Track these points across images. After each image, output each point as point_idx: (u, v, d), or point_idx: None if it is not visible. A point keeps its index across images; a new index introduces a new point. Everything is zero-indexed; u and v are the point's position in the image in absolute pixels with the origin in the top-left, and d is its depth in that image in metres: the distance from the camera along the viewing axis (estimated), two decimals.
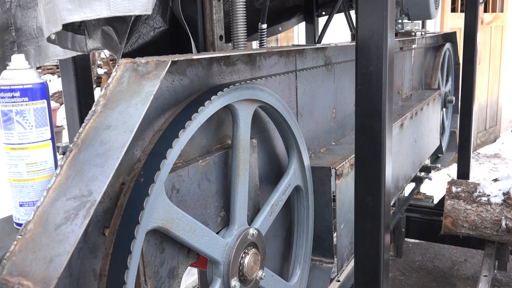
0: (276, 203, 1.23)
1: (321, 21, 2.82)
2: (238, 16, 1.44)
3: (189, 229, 0.95)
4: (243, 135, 1.08)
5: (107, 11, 1.05)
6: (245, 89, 1.07)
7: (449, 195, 2.80)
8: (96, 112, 0.86)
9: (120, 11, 1.06)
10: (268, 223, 1.21)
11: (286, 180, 1.28)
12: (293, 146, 1.31)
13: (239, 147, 1.08)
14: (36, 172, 0.95)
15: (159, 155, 0.84)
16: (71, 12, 1.04)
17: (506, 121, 7.03)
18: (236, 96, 1.04)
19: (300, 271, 1.37)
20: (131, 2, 1.06)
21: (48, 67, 11.24)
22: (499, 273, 3.19)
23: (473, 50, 3.13)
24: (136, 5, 1.07)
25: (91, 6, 1.05)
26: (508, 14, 6.50)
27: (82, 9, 1.04)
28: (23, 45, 1.51)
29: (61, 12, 1.04)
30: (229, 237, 1.08)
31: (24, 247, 0.75)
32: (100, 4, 1.05)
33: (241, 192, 1.10)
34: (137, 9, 1.07)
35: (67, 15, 1.04)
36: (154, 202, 0.83)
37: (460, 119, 3.27)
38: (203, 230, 0.99)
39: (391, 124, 1.17)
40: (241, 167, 1.09)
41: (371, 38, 1.08)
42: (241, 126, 1.07)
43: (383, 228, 1.16)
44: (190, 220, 0.95)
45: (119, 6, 1.05)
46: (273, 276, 1.25)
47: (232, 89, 1.03)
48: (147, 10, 1.08)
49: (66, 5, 1.04)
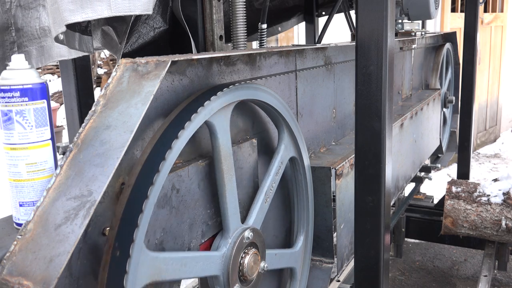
0: (269, 187, 1.19)
1: (321, 21, 2.82)
2: (238, 16, 1.44)
3: (181, 265, 0.91)
4: (222, 145, 1.03)
5: (108, 11, 1.05)
6: (246, 89, 1.07)
7: (449, 195, 2.80)
8: (96, 112, 0.86)
9: (120, 11, 1.06)
10: (264, 210, 1.18)
11: (277, 159, 1.22)
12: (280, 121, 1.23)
13: (220, 157, 1.03)
14: (36, 172, 0.95)
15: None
16: (73, 12, 1.04)
17: (506, 121, 7.03)
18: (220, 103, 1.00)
19: (304, 236, 1.36)
20: (131, 2, 1.06)
21: (48, 67, 11.23)
22: (499, 273, 3.19)
23: (473, 50, 3.13)
24: (137, 4, 1.07)
25: (93, 6, 1.05)
26: (508, 14, 6.50)
27: (84, 9, 1.05)
28: (24, 45, 1.51)
29: (64, 13, 1.05)
30: (224, 247, 1.05)
31: (24, 247, 0.75)
32: (101, 4, 1.05)
33: (230, 198, 1.06)
34: (138, 9, 1.07)
35: (69, 16, 1.05)
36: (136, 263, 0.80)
37: (460, 119, 3.27)
38: (195, 258, 0.96)
39: (391, 124, 1.17)
40: (226, 175, 1.04)
41: (371, 38, 1.08)
42: (219, 137, 1.02)
43: (383, 228, 1.16)
44: (178, 257, 0.91)
45: (120, 6, 1.05)
46: (276, 255, 1.24)
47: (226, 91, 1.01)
48: (147, 10, 1.09)
49: (68, 5, 1.04)
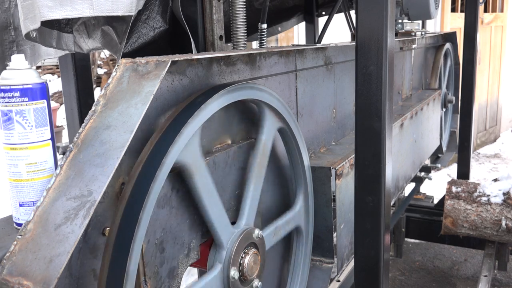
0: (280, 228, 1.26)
1: (321, 21, 2.82)
2: (238, 16, 1.44)
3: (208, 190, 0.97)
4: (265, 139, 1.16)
5: (90, 11, 1.04)
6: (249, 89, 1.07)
7: (449, 195, 2.80)
8: (96, 112, 0.86)
9: (103, 11, 1.05)
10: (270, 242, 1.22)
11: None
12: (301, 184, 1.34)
13: (259, 150, 1.15)
14: (36, 172, 0.95)
15: None
16: (51, 9, 1.03)
17: (506, 121, 7.03)
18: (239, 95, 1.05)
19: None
20: (114, 3, 1.05)
21: (48, 67, 11.23)
22: (499, 273, 3.19)
23: (473, 50, 3.13)
24: (120, 5, 1.06)
25: (73, 4, 1.04)
26: (508, 14, 6.50)
27: (63, 6, 1.03)
28: (20, 44, 1.51)
29: (41, 9, 1.03)
30: (237, 228, 1.08)
31: (24, 247, 0.75)
32: (83, 3, 1.04)
33: (254, 192, 1.13)
34: (120, 10, 1.06)
35: (47, 12, 1.03)
36: None
37: (460, 119, 3.27)
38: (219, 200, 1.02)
39: (391, 124, 1.17)
40: (257, 170, 1.14)
41: (371, 38, 1.08)
42: (265, 131, 1.16)
43: (383, 228, 1.16)
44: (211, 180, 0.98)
45: (102, 6, 1.04)
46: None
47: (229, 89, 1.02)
48: (130, 11, 1.08)
49: (46, 2, 1.02)
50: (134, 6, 1.08)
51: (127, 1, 1.07)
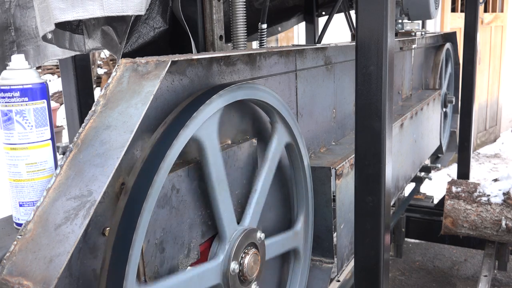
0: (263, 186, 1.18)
1: (321, 21, 2.82)
2: (238, 16, 1.44)
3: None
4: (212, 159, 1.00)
5: (100, 11, 1.04)
6: (246, 89, 1.07)
7: (449, 195, 2.80)
8: (96, 112, 0.86)
9: (113, 11, 1.05)
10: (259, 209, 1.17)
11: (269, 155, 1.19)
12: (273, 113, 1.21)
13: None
14: (36, 172, 0.95)
15: None
16: (64, 11, 1.04)
17: (506, 121, 7.03)
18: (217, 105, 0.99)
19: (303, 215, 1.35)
20: (124, 2, 1.06)
21: (48, 67, 11.23)
22: (499, 273, 3.19)
23: (473, 50, 3.13)
24: (130, 5, 1.06)
25: (84, 5, 1.04)
26: (508, 14, 6.50)
27: (75, 8, 1.04)
28: (22, 44, 1.51)
29: (54, 11, 1.04)
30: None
31: (24, 247, 0.75)
32: (93, 4, 1.04)
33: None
34: (131, 9, 1.07)
35: (59, 14, 1.04)
36: None
37: (460, 119, 3.27)
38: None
39: (391, 124, 1.17)
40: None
41: (371, 38, 1.08)
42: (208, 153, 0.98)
43: (383, 228, 1.16)
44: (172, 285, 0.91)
45: (113, 6, 1.05)
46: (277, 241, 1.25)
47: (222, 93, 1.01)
48: (140, 10, 1.08)
49: (58, 4, 1.03)
50: (144, 6, 1.08)
51: (137, 1, 1.07)
